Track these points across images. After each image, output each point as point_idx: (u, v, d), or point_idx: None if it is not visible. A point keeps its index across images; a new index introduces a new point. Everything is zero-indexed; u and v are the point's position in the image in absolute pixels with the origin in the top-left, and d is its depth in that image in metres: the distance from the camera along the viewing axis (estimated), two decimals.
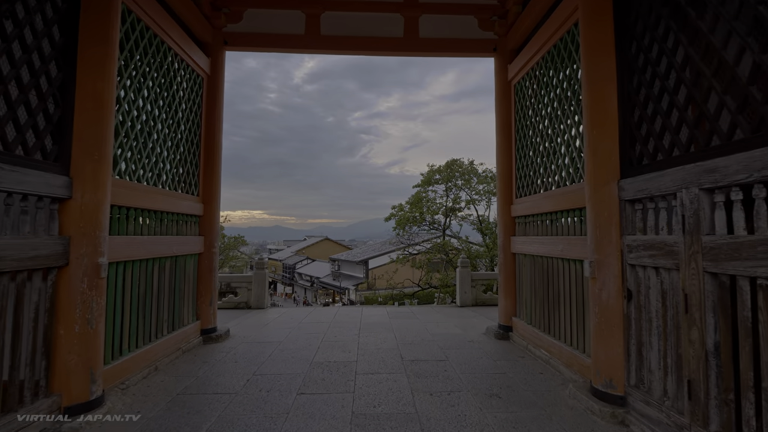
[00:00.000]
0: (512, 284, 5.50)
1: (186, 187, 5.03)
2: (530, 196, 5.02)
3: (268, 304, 8.88)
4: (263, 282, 8.66)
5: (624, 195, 3.08)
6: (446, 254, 12.19)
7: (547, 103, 4.62)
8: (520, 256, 5.32)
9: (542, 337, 4.48)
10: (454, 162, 15.32)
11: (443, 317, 7.20)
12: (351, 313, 7.65)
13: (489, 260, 12.23)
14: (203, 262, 5.33)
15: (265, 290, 8.68)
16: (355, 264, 42.41)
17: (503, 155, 5.72)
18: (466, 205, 14.15)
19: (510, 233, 5.55)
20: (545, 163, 4.65)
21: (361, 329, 6.10)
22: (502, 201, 5.68)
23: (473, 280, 8.97)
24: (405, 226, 13.79)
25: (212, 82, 5.58)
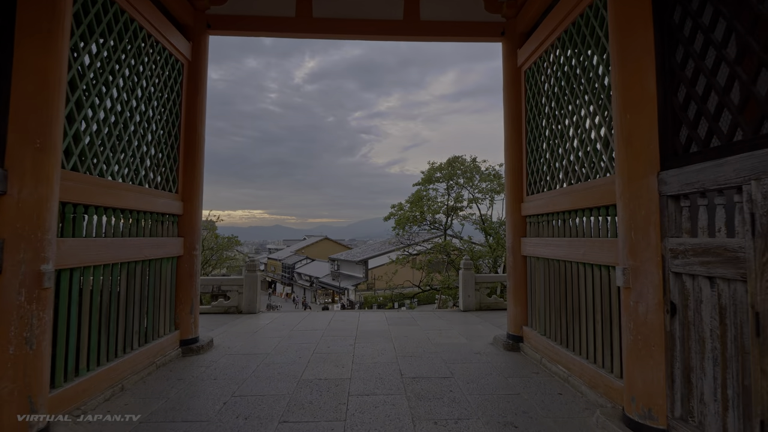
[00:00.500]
0: (523, 290, 5.01)
1: (162, 184, 4.54)
2: (544, 193, 4.53)
3: (261, 308, 8.40)
4: (255, 285, 8.17)
5: (666, 189, 2.59)
6: (448, 255, 11.69)
7: (564, 89, 4.13)
8: (532, 260, 4.83)
9: (559, 351, 3.99)
10: (455, 159, 14.66)
11: (446, 324, 6.71)
12: (347, 319, 7.16)
13: (492, 261, 11.73)
14: (183, 266, 4.84)
15: (257, 294, 8.20)
16: (355, 264, 41.93)
17: (512, 149, 5.23)
18: (468, 203, 13.63)
19: (520, 234, 5.06)
20: (562, 155, 4.16)
21: (357, 338, 5.61)
22: (511, 199, 5.19)
23: (477, 283, 8.49)
24: (405, 225, 13.26)
25: (194, 69, 5.09)
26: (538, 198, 4.65)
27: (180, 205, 4.80)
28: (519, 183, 5.14)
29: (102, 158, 3.48)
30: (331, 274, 45.81)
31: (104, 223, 3.55)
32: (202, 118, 5.14)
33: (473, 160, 14.78)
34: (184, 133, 4.94)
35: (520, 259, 5.05)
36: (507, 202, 5.28)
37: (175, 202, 4.71)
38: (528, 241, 4.86)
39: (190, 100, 5.02)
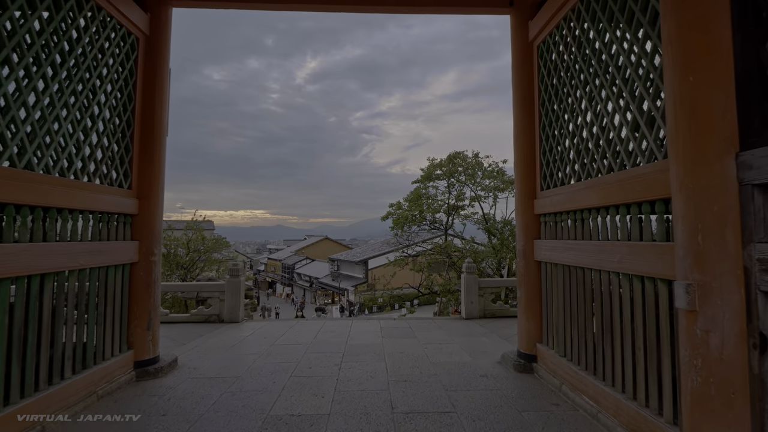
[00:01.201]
0: (537, 302, 4.29)
1: (110, 178, 3.83)
2: (563, 187, 3.80)
3: (244, 316, 7.69)
4: (237, 292, 7.47)
5: (750, 176, 1.87)
6: (449, 256, 10.95)
7: (589, 60, 3.40)
8: (548, 266, 4.11)
9: (585, 380, 3.27)
10: (456, 155, 13.32)
11: (446, 336, 5.99)
12: (337, 330, 6.45)
13: (496, 263, 11.00)
14: (137, 275, 4.13)
15: (240, 301, 7.49)
16: (355, 264, 41.27)
17: (523, 136, 4.50)
18: (470, 202, 12.81)
19: (533, 235, 4.33)
20: (586, 140, 3.44)
21: (345, 355, 4.89)
22: (522, 194, 4.47)
23: (481, 288, 7.77)
24: (404, 225, 12.49)
25: (153, 44, 4.38)
26: (555, 193, 3.92)
27: (134, 203, 4.09)
28: (531, 176, 4.41)
29: (11, 142, 2.77)
30: (330, 275, 45.15)
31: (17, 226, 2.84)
32: (163, 101, 4.42)
33: (475, 155, 13.40)
34: (141, 118, 4.23)
35: (533, 264, 4.33)
36: (517, 199, 4.56)
37: (128, 199, 4.00)
38: (543, 244, 4.14)
39: (148, 81, 4.31)
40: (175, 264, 10.43)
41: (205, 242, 11.16)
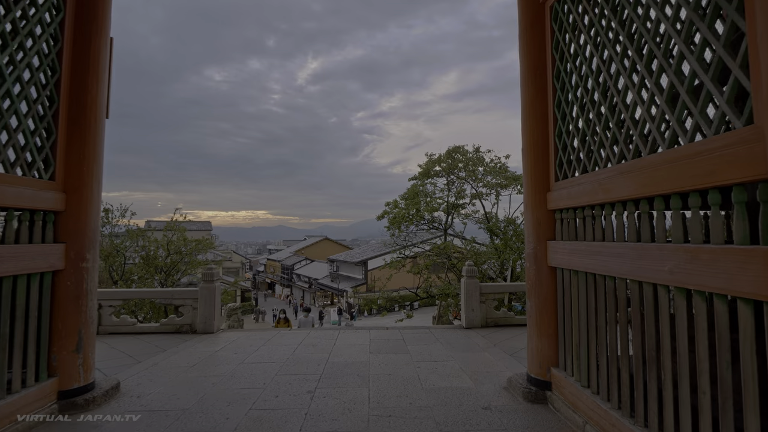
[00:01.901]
0: (551, 316, 3.53)
1: (21, 165, 3.09)
2: (586, 175, 3.04)
3: (220, 326, 6.95)
4: (212, 299, 6.72)
5: None
6: (448, 258, 10.14)
7: (624, 8, 2.65)
8: (566, 273, 3.35)
9: (619, 424, 2.51)
10: (456, 149, 12.39)
11: (444, 350, 5.24)
12: (320, 343, 5.71)
13: (499, 265, 10.20)
14: (63, 285, 3.39)
15: (215, 309, 6.75)
16: (354, 265, 40.54)
17: (533, 117, 3.74)
18: (471, 200, 11.96)
19: (546, 236, 3.58)
20: (619, 112, 2.68)
21: (322, 378, 4.14)
22: (532, 187, 3.71)
23: (483, 294, 7.01)
24: (400, 225, 11.67)
25: (87, 7, 3.63)
26: (575, 183, 3.16)
27: (58, 198, 3.35)
28: (543, 165, 3.65)
29: None
30: (329, 276, 44.40)
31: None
32: (99, 76, 3.67)
33: (476, 149, 12.30)
34: (68, 94, 3.49)
35: (546, 271, 3.57)
36: (526, 193, 3.80)
37: (49, 192, 3.26)
38: (559, 246, 3.38)
39: (80, 50, 3.56)
40: (153, 267, 9.70)
41: (187, 243, 10.42)
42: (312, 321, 11.24)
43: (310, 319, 11.21)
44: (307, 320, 11.15)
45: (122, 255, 9.91)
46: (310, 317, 11.22)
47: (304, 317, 11.17)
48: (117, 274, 10.12)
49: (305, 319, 11.18)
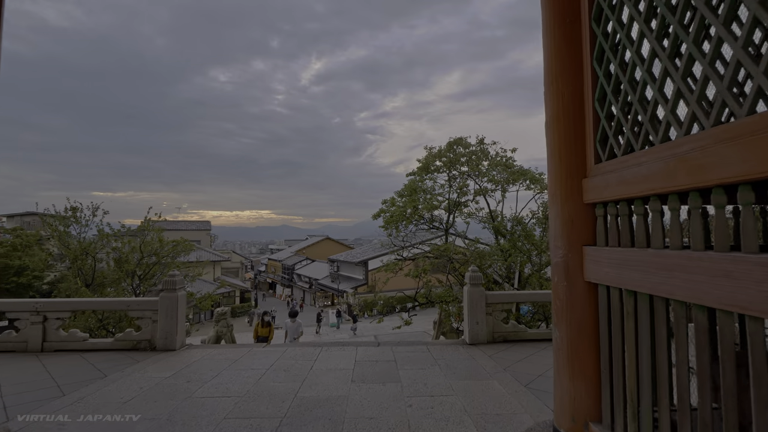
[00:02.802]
0: (589, 351, 2.54)
1: None
2: (653, 149, 2.03)
3: (183, 342, 6.01)
4: (173, 310, 5.79)
5: None
6: (450, 260, 9.08)
7: None
8: (614, 294, 2.35)
9: None
10: (458, 141, 11.01)
11: (443, 377, 4.27)
12: (295, 366, 4.75)
13: (505, 269, 9.13)
14: None
15: (177, 322, 5.81)
16: (354, 265, 39.62)
17: (562, 78, 2.74)
18: (475, 196, 11.00)
19: (581, 239, 2.58)
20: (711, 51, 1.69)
21: (282, 424, 3.18)
22: (560, 172, 2.71)
23: (489, 305, 6.03)
24: (398, 224, 10.58)
25: None
26: (631, 162, 2.17)
27: None
28: (577, 140, 2.66)
29: None
30: (330, 276, 43.49)
31: None
32: None
33: (480, 140, 11.02)
34: None
35: (581, 289, 2.58)
36: (552, 180, 2.80)
37: None
38: (602, 255, 2.39)
39: None
40: (124, 272, 8.78)
41: (164, 245, 9.49)
42: (299, 327, 10.27)
43: (297, 324, 10.27)
44: (294, 326, 10.23)
45: (92, 257, 8.99)
46: (297, 322, 10.25)
47: (290, 322, 10.21)
48: (88, 278, 9.22)
49: (291, 325, 10.21)
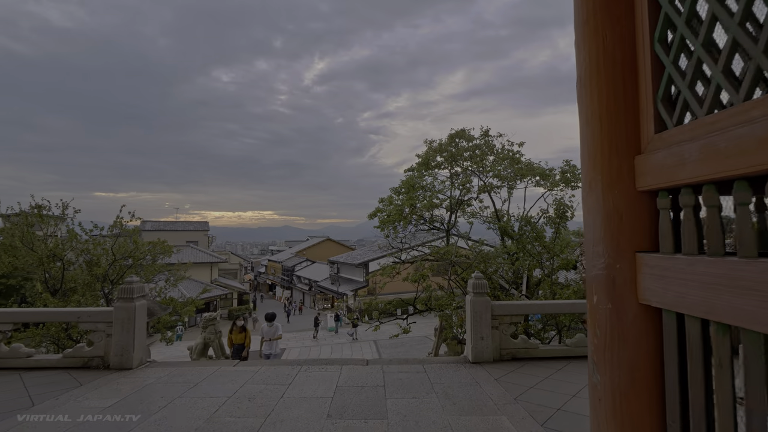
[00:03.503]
0: (648, 405, 1.74)
1: None
2: (761, 99, 1.24)
3: (143, 358, 5.24)
4: (130, 322, 5.02)
5: None
6: (452, 263, 8.22)
7: None
8: (693, 326, 1.55)
9: None
10: (460, 134, 9.86)
11: (440, 411, 3.48)
12: (263, 394, 3.97)
13: (512, 273, 8.27)
14: None
15: (134, 336, 5.05)
16: (355, 267, 38.88)
17: (601, 12, 1.95)
18: (479, 194, 9.85)
19: (633, 243, 1.78)
20: None
21: None
22: (598, 149, 1.91)
23: (496, 317, 5.23)
24: (395, 224, 9.66)
25: None
26: (725, 123, 1.37)
27: None
28: (627, 100, 1.86)
29: None
30: (330, 278, 42.73)
31: None
32: None
33: (485, 132, 9.86)
34: None
35: (636, 314, 1.77)
36: (588, 159, 2.00)
37: None
38: (673, 266, 1.58)
39: None
40: (94, 277, 8.00)
41: (138, 247, 8.72)
42: (276, 331, 8.99)
43: (275, 328, 8.91)
44: (271, 331, 8.89)
45: (61, 260, 8.25)
46: (275, 326, 8.95)
47: (267, 327, 8.93)
48: (57, 283, 8.48)
49: (268, 329, 8.93)
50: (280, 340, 9.40)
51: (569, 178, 8.92)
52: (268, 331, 9.00)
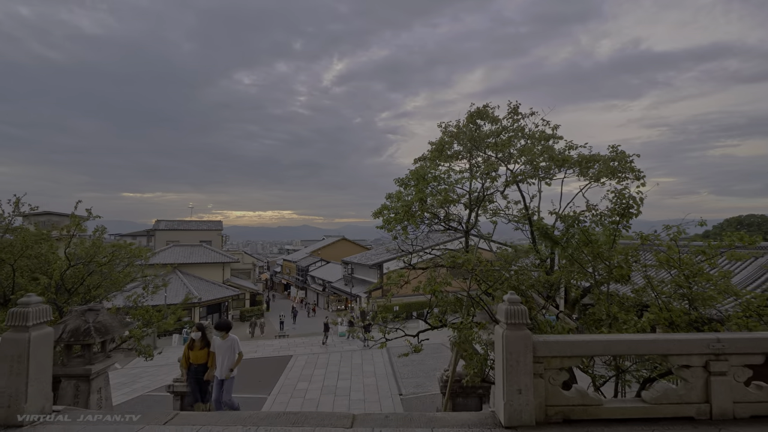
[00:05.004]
0: None
1: None
2: None
3: (46, 407, 3.80)
4: (21, 361, 3.59)
5: None
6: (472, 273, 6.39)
7: None
8: None
9: None
10: (482, 113, 7.97)
11: None
12: None
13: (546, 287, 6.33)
14: None
15: (28, 379, 3.61)
16: (369, 268, 37.39)
17: None
18: (506, 186, 7.87)
19: None
20: None
21: None
22: None
23: (540, 359, 3.57)
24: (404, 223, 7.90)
25: None
26: None
27: None
28: None
29: None
30: (343, 279, 41.40)
31: None
32: None
33: (513, 109, 7.85)
34: None
35: None
36: None
37: None
38: None
39: None
40: (42, 286, 6.67)
41: (102, 250, 7.40)
42: (233, 345, 6.82)
43: (231, 342, 6.77)
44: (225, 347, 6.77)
45: (8, 265, 7.00)
46: (232, 339, 6.78)
47: (219, 339, 6.79)
48: (8, 291, 7.25)
49: (222, 344, 6.79)
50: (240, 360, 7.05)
51: (617, 168, 7.11)
52: (221, 345, 6.79)
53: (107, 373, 6.88)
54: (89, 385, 6.48)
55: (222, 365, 6.82)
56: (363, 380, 15.89)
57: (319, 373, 17.03)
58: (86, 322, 6.41)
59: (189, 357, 7.05)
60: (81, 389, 6.46)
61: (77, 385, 6.42)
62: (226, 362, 6.83)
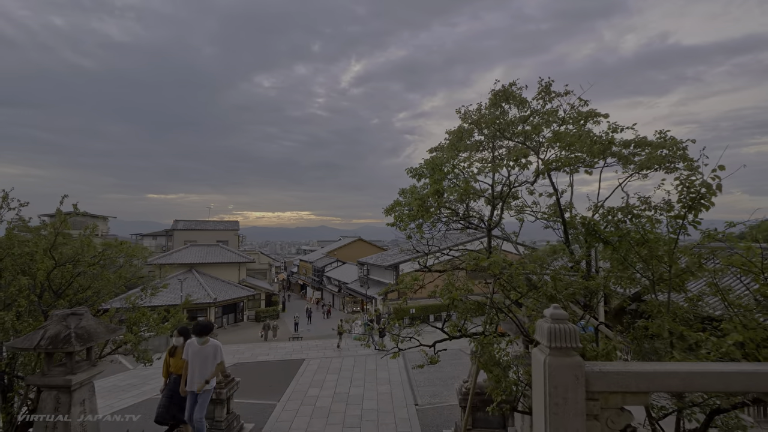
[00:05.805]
0: None
1: None
2: None
3: None
4: None
5: None
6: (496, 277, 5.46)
7: None
8: None
9: None
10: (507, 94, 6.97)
11: None
12: None
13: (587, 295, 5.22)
14: None
15: None
16: (384, 269, 36.61)
17: None
18: (536, 177, 6.79)
19: None
20: None
21: None
22: None
23: (596, 395, 2.68)
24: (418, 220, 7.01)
25: None
26: None
27: None
28: None
29: None
30: (359, 280, 40.74)
31: None
32: None
33: (545, 87, 6.78)
34: None
35: None
36: None
37: None
38: None
39: None
40: (25, 289, 6.10)
41: (88, 249, 6.83)
42: (215, 352, 6.05)
43: (211, 349, 5.99)
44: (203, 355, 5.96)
45: None
46: (213, 345, 6.01)
47: (196, 344, 5.98)
48: None
49: (199, 350, 5.99)
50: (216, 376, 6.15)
51: (665, 156, 6.04)
52: (198, 352, 5.89)
53: (92, 383, 6.31)
54: (71, 396, 5.87)
55: (194, 375, 5.83)
56: (377, 387, 15.09)
57: (331, 379, 16.33)
58: (67, 328, 5.83)
59: (169, 363, 6.36)
60: (62, 401, 5.86)
61: (57, 396, 5.84)
62: (201, 372, 5.85)
